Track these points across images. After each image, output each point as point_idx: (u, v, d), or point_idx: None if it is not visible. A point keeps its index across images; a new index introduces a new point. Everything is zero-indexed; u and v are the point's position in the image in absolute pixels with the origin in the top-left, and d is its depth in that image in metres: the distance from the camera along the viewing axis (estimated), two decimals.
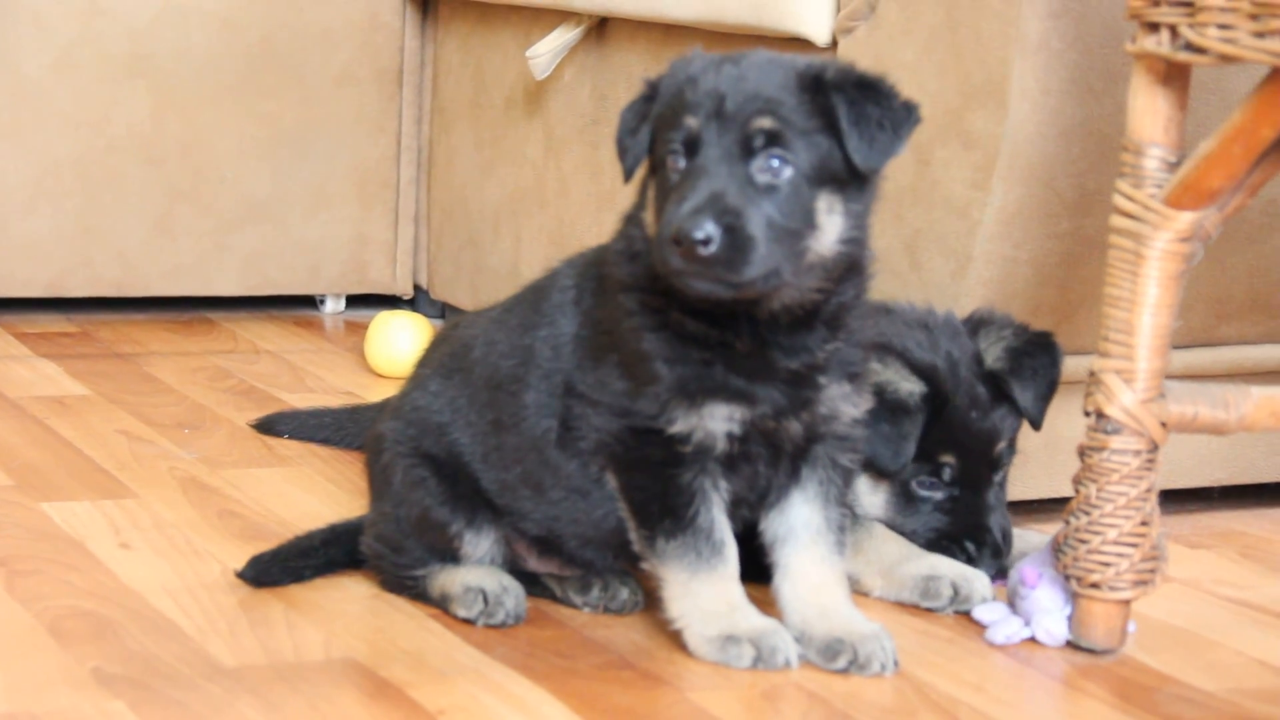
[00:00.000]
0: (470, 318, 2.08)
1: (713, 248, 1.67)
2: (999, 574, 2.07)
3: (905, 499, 2.09)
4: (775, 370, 1.79)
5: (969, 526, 2.08)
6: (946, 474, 2.08)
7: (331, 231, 3.53)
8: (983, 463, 2.09)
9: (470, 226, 3.39)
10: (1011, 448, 2.12)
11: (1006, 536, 2.10)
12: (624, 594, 1.97)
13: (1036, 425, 2.11)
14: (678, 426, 1.79)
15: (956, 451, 2.07)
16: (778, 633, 1.82)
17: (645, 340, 1.79)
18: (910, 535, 2.08)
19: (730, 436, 1.80)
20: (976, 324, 2.13)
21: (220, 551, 2.10)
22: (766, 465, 1.84)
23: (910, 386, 2.03)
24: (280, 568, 2.00)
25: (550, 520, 1.92)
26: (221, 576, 2.01)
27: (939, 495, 2.08)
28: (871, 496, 2.10)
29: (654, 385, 1.79)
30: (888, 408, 2.00)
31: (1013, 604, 1.96)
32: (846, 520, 1.89)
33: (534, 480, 1.90)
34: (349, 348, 3.31)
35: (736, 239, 1.67)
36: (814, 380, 1.81)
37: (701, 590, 1.82)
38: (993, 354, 2.10)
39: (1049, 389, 2.10)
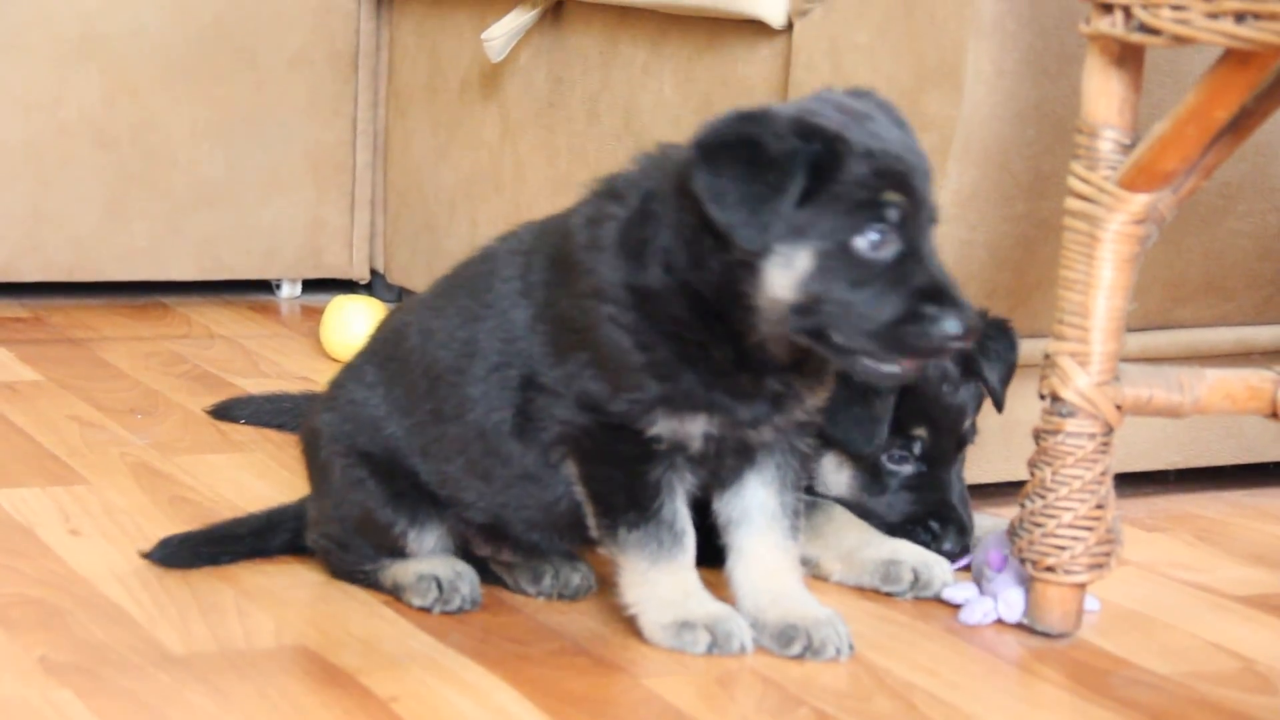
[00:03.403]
0: (405, 303, 2.05)
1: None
2: (962, 556, 2.07)
3: (873, 476, 2.08)
4: (763, 390, 1.78)
5: (935, 504, 2.08)
6: (917, 448, 2.07)
7: (287, 216, 3.51)
8: (951, 438, 2.09)
9: (426, 210, 3.37)
10: (974, 428, 2.12)
11: (969, 516, 2.10)
12: (575, 580, 1.95)
13: (1000, 405, 2.12)
14: (656, 429, 1.77)
15: (928, 425, 2.07)
16: (732, 618, 1.81)
17: (631, 356, 1.75)
18: (876, 515, 2.08)
19: (707, 437, 1.79)
20: None
21: None
22: (733, 458, 1.84)
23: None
24: (191, 551, 1.97)
25: (498, 508, 1.90)
26: None
27: (907, 469, 2.08)
28: (837, 475, 2.09)
29: (636, 394, 1.76)
30: (859, 391, 2.00)
31: (979, 585, 1.96)
32: (801, 505, 1.88)
33: (480, 470, 1.88)
34: (305, 333, 3.28)
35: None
36: (799, 394, 1.80)
37: (660, 579, 1.81)
38: None
39: (1009, 371, 2.12)
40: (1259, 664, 1.86)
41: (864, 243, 1.67)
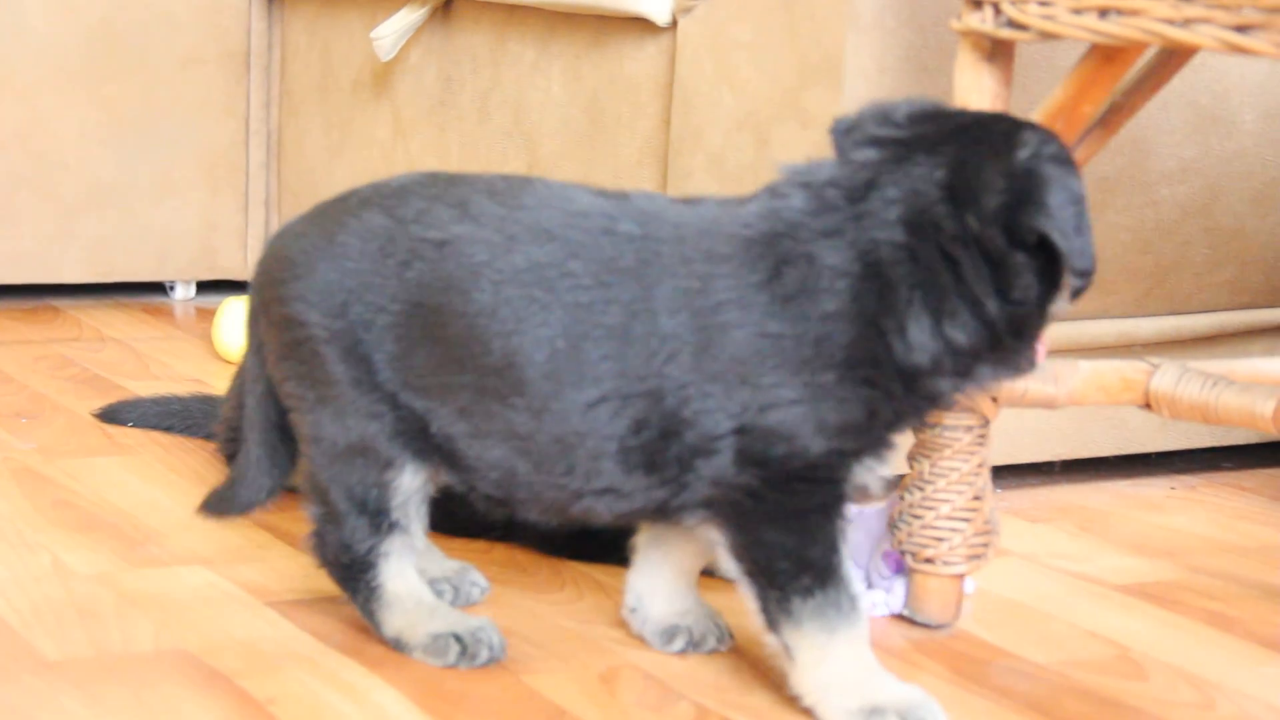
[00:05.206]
0: (474, 201, 1.62)
1: None
2: None
3: None
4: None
5: None
6: None
7: (180, 217, 3.48)
8: None
9: None
10: None
11: None
12: (475, 594, 1.92)
13: None
14: (855, 473, 1.59)
15: None
16: (925, 703, 1.59)
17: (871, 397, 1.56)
18: None
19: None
20: None
21: (52, 543, 2.06)
22: None
23: None
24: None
25: (534, 499, 1.67)
26: (52, 568, 1.97)
27: None
28: None
29: (851, 434, 1.56)
30: None
31: (870, 582, 1.97)
32: None
33: (540, 465, 1.62)
34: (198, 335, 3.26)
35: None
36: None
37: (840, 652, 1.59)
38: None
39: None
40: (1134, 651, 1.88)
41: None
